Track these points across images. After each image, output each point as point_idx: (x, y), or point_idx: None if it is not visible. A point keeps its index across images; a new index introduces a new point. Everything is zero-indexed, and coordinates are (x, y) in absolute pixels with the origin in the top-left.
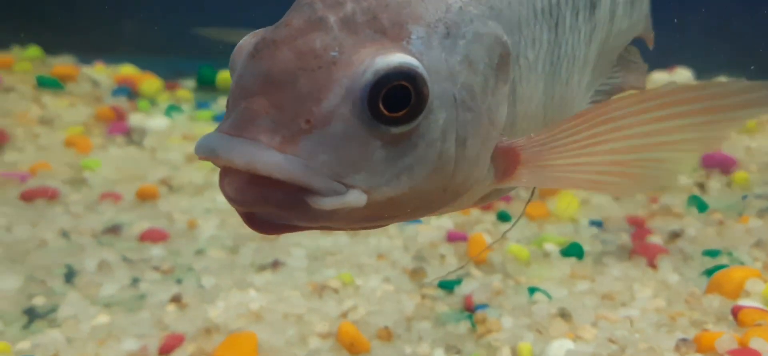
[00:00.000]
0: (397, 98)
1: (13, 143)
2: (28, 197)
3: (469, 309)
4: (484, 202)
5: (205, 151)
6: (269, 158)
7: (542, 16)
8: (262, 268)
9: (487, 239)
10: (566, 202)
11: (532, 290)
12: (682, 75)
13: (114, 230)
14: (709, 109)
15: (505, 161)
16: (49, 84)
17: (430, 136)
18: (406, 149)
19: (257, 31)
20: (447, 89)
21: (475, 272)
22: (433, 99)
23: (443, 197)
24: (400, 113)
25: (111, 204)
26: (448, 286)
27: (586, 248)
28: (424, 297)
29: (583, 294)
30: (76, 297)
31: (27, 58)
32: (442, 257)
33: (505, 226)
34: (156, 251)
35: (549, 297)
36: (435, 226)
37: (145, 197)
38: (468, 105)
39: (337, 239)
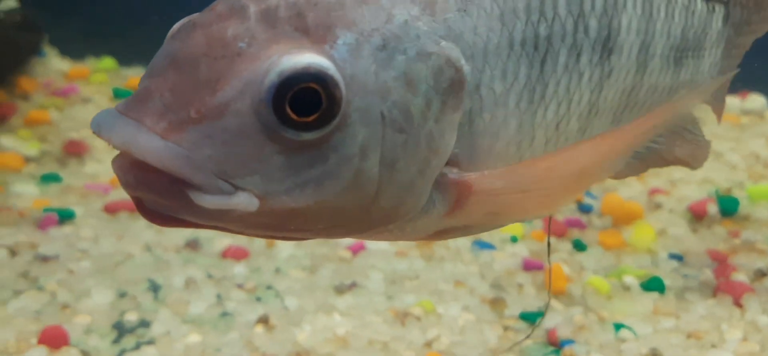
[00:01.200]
0: (306, 102)
1: (93, 154)
2: (111, 209)
3: (554, 344)
4: (443, 237)
5: (93, 126)
6: (147, 143)
7: (522, 48)
8: (341, 290)
9: (565, 269)
10: (643, 232)
11: (618, 326)
12: (755, 102)
13: (193, 245)
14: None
15: (457, 194)
16: (125, 95)
17: (345, 150)
18: (313, 160)
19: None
20: (373, 104)
21: (555, 303)
22: (353, 111)
23: (366, 220)
24: (309, 119)
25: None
26: (529, 318)
27: (666, 282)
28: (506, 328)
29: (669, 332)
30: (167, 314)
31: (102, 70)
32: (520, 286)
33: (582, 255)
34: (238, 269)
35: (635, 334)
36: (510, 253)
37: None
38: (400, 126)
39: (413, 263)
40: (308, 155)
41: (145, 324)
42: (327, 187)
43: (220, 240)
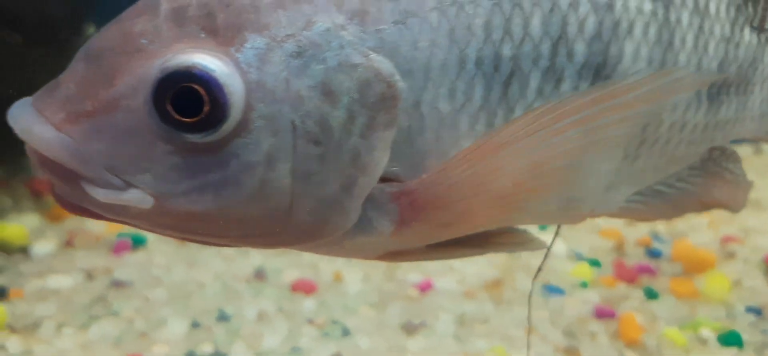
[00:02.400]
0: (192, 103)
1: None
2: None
3: None
4: (400, 259)
5: (8, 114)
6: (41, 132)
7: (477, 68)
8: (410, 330)
9: (638, 318)
10: (717, 282)
11: None
12: None
13: (261, 275)
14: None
15: (401, 210)
16: None
17: (247, 157)
18: (212, 164)
19: None
20: (282, 112)
21: (630, 354)
22: (256, 118)
23: (285, 233)
24: (192, 120)
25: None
26: None
27: (744, 337)
28: None
29: None
30: (242, 347)
31: None
32: (593, 335)
33: (654, 304)
34: (308, 303)
35: None
36: (580, 299)
37: None
38: (316, 138)
39: (482, 306)
40: (205, 158)
41: None
42: (229, 194)
43: (289, 272)
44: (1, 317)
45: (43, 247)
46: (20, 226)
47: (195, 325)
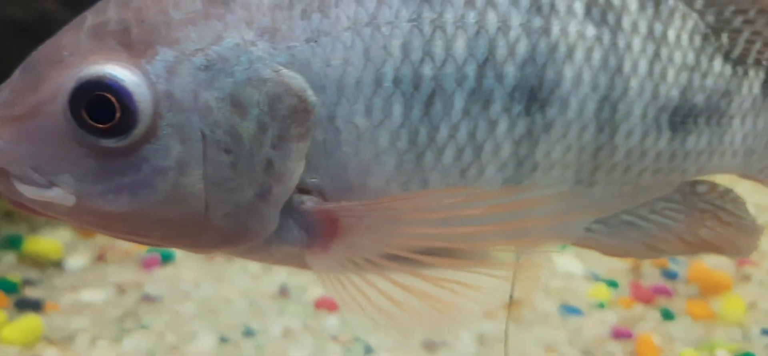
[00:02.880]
0: (105, 110)
1: None
2: None
3: None
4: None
5: None
6: None
7: (395, 86)
8: (432, 349)
9: (655, 339)
10: (733, 304)
11: None
12: None
13: (285, 292)
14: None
15: (321, 226)
16: None
17: (158, 162)
18: (126, 168)
19: None
20: (191, 121)
21: None
22: (165, 126)
23: (206, 236)
24: (104, 126)
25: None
26: None
27: None
28: None
29: None
30: None
31: None
32: (611, 355)
33: (671, 325)
34: (331, 321)
35: None
36: (598, 319)
37: None
38: (226, 147)
39: (503, 326)
40: (120, 162)
41: None
42: (143, 196)
43: (312, 290)
44: (39, 329)
45: (76, 261)
46: (54, 240)
47: (223, 340)
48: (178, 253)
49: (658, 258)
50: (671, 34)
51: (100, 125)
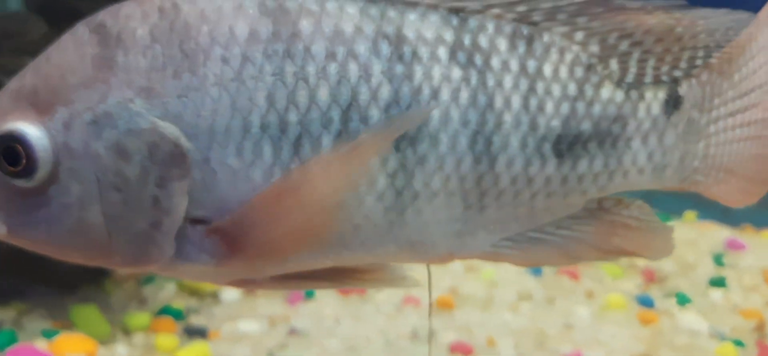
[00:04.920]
0: (15, 157)
1: None
2: (343, 291)
3: None
4: (259, 287)
5: None
6: None
7: (262, 131)
8: None
9: None
10: None
11: None
12: None
13: (417, 335)
14: None
15: (218, 243)
16: None
17: (62, 200)
18: (40, 204)
19: None
20: (85, 166)
21: None
22: (63, 170)
23: (116, 258)
24: (16, 169)
25: (413, 308)
26: None
27: None
28: None
29: None
30: None
31: None
32: None
33: None
34: None
35: None
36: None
37: (443, 305)
38: (117, 186)
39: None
40: (34, 200)
41: None
42: (55, 227)
43: (445, 334)
44: (208, 355)
45: (230, 294)
46: None
47: None
48: (319, 291)
49: (574, 264)
50: (547, 69)
51: (13, 169)
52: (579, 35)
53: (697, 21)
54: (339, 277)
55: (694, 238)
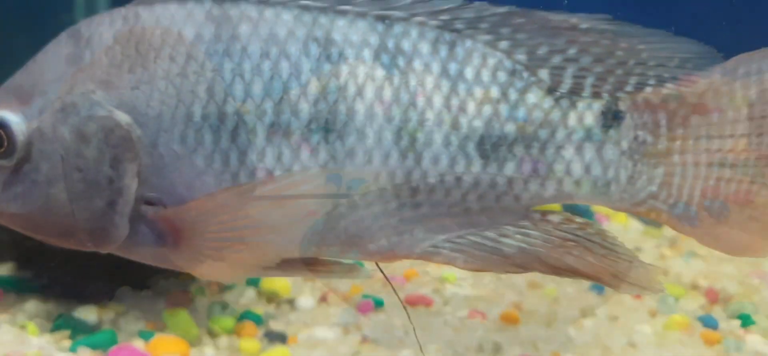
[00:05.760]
0: (1, 140)
1: None
2: (411, 301)
3: None
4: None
5: None
6: None
7: (203, 121)
8: None
9: None
10: None
11: None
12: None
13: (483, 349)
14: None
15: (167, 229)
16: None
17: (33, 177)
18: (17, 181)
19: None
20: (53, 148)
21: None
22: (35, 151)
23: (81, 236)
24: (0, 150)
25: (479, 322)
26: None
27: None
28: None
29: None
30: None
31: None
32: None
33: None
34: None
35: None
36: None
37: (508, 320)
38: (78, 166)
39: None
40: (13, 177)
41: None
42: (28, 202)
43: (511, 349)
44: None
45: (305, 301)
46: (284, 280)
47: None
48: (386, 300)
49: (521, 273)
50: (469, 72)
51: None
52: (504, 44)
53: (637, 46)
54: (291, 268)
55: (757, 260)
